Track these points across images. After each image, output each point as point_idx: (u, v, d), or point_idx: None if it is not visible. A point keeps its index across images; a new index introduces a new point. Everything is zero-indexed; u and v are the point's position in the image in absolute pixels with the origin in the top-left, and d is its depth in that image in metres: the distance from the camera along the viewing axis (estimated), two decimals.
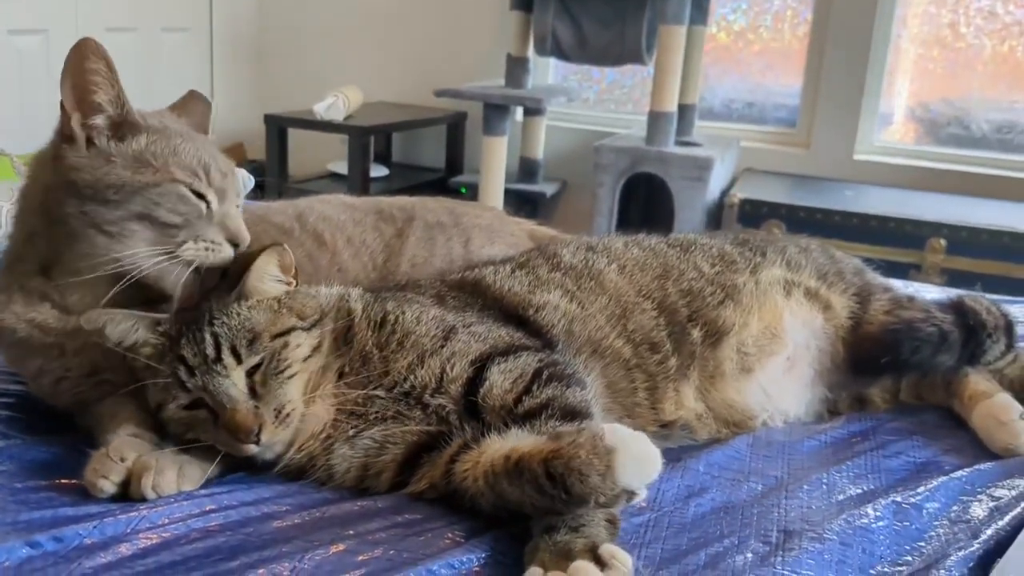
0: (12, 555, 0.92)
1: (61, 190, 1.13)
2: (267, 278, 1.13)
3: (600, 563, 0.88)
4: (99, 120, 1.12)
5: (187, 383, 1.06)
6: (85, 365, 1.20)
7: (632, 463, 0.90)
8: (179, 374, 1.06)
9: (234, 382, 1.06)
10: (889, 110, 3.99)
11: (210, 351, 1.06)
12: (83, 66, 1.09)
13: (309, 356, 1.11)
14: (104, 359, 1.18)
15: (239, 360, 1.06)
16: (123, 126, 1.13)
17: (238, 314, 1.09)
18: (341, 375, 1.14)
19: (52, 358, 1.19)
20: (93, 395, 1.21)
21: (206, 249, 1.13)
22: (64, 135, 1.13)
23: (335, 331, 1.16)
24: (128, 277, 1.10)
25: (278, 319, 1.11)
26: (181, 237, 1.12)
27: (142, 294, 1.15)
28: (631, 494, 0.91)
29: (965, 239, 3.20)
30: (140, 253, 1.10)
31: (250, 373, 1.07)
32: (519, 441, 0.99)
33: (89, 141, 1.12)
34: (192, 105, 1.30)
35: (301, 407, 1.09)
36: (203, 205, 1.14)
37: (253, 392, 1.07)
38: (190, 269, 1.13)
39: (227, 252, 1.15)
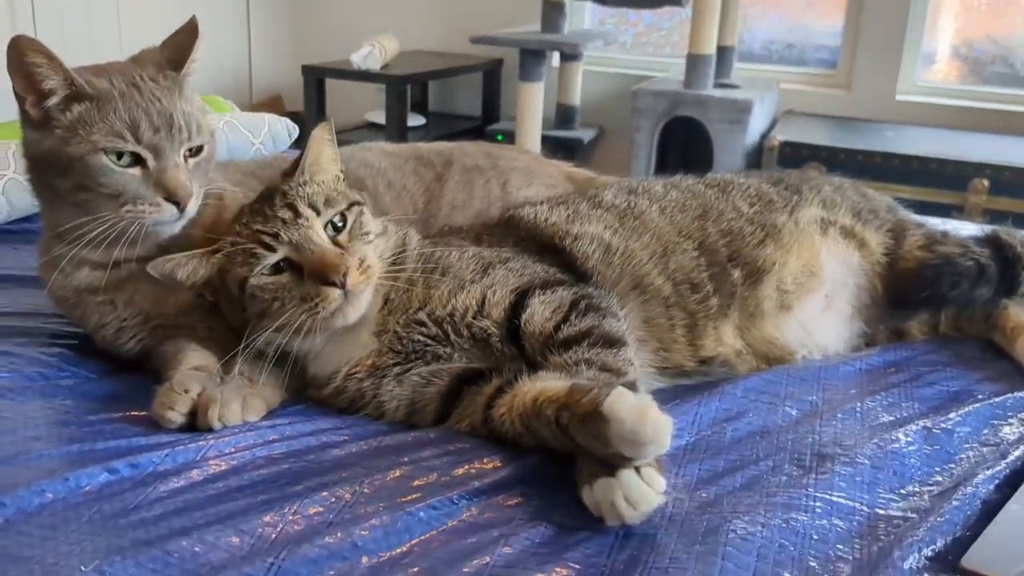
0: (93, 480, 0.99)
1: (28, 166, 1.21)
2: (326, 150, 1.22)
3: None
4: (54, 99, 1.14)
5: (273, 245, 1.11)
6: (137, 313, 1.26)
7: (623, 436, 0.87)
8: (264, 240, 1.12)
9: (317, 231, 1.13)
10: (932, 49, 3.91)
11: (287, 214, 1.13)
12: (23, 61, 1.12)
13: (379, 234, 1.19)
14: (153, 306, 1.25)
15: (318, 213, 1.14)
16: (75, 97, 1.14)
17: (308, 183, 1.18)
18: (386, 302, 1.19)
19: (106, 313, 1.26)
20: (152, 341, 1.28)
21: (143, 212, 1.15)
22: (25, 117, 1.18)
23: (391, 251, 1.22)
24: (118, 237, 1.15)
25: (346, 194, 1.20)
26: (121, 200, 1.14)
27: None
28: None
29: (1008, 179, 3.15)
30: (103, 217, 1.14)
31: (331, 229, 1.14)
32: (547, 383, 1.03)
33: (48, 117, 1.15)
34: (176, 38, 1.27)
35: (378, 272, 1.15)
36: (134, 169, 1.15)
37: (337, 246, 1.14)
38: (144, 229, 1.16)
39: (168, 210, 1.16)
